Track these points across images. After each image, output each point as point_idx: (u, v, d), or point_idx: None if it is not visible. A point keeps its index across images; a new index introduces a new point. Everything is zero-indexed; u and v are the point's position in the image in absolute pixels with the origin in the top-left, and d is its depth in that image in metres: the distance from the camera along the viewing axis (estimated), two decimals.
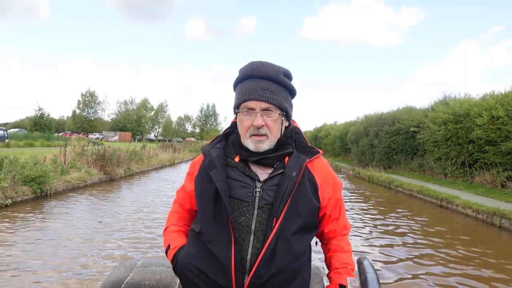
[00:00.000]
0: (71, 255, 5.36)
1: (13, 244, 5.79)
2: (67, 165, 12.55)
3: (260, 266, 1.14)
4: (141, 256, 5.34)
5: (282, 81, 1.21)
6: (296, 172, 1.19)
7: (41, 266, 4.89)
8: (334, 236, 1.32)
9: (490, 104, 13.55)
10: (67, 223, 7.35)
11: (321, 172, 1.27)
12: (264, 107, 1.19)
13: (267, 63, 1.24)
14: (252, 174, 1.22)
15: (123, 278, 1.53)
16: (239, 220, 1.18)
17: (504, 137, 12.50)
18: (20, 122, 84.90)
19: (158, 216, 8.28)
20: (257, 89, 1.19)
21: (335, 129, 36.08)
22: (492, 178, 12.98)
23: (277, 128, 1.22)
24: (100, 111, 75.88)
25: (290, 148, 1.26)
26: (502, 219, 8.50)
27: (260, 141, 1.20)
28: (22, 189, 9.32)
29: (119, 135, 60.20)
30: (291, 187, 1.17)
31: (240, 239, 1.17)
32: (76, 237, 6.34)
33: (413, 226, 8.36)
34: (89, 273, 4.73)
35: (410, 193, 13.71)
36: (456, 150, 14.97)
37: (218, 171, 1.22)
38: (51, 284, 4.35)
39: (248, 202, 1.19)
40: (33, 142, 27.56)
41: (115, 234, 6.65)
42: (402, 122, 19.49)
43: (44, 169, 10.06)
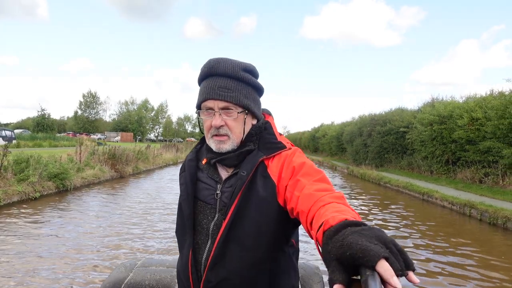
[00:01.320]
0: (90, 247, 6.53)
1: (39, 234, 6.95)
2: (82, 163, 13.69)
3: (209, 270, 1.10)
4: (141, 255, 5.55)
5: (241, 77, 1.13)
6: (247, 171, 1.10)
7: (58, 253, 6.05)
8: (310, 210, 0.91)
9: (470, 106, 14.73)
10: (86, 216, 8.52)
11: (279, 166, 1.11)
12: (222, 106, 1.12)
13: (225, 59, 1.16)
14: (215, 176, 1.18)
15: (123, 278, 1.53)
16: (202, 222, 1.15)
17: (482, 137, 13.66)
18: (22, 123, 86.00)
19: (169, 211, 9.44)
20: (214, 88, 1.12)
21: (332, 129, 37.25)
22: (471, 174, 14.17)
23: (239, 127, 1.15)
24: (102, 111, 77.00)
25: (251, 145, 1.16)
26: (471, 209, 9.68)
27: (222, 141, 1.14)
28: (47, 184, 10.48)
29: (121, 136, 61.30)
30: (239, 188, 1.08)
31: (200, 241, 1.15)
32: (97, 229, 7.51)
33: (398, 216, 9.52)
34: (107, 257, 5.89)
35: (397, 188, 14.89)
36: (441, 149, 16.14)
37: (185, 175, 1.21)
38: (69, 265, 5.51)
39: (211, 205, 1.15)
40: (41, 143, 28.66)
41: (132, 227, 7.82)
42: (393, 123, 20.67)
43: (65, 167, 11.22)
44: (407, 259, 0.61)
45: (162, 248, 5.93)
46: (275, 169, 1.11)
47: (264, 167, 1.13)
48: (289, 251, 1.17)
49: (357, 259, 0.59)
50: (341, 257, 0.62)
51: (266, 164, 1.13)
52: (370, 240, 0.61)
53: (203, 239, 1.14)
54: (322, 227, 0.75)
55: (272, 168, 1.12)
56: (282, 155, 1.14)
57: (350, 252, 0.60)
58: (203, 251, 1.13)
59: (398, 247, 0.62)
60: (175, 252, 5.50)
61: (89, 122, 72.48)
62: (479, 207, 9.40)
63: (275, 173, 1.10)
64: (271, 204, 1.08)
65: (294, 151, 1.15)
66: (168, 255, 5.57)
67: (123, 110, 78.72)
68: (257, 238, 1.08)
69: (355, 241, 0.61)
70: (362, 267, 0.59)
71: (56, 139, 36.44)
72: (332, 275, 0.61)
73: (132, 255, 5.53)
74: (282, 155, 1.13)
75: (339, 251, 0.63)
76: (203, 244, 1.14)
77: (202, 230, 1.15)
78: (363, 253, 0.58)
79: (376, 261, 0.57)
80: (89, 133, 66.01)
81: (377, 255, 0.57)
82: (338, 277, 0.61)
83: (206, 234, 1.14)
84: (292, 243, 1.20)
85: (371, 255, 0.57)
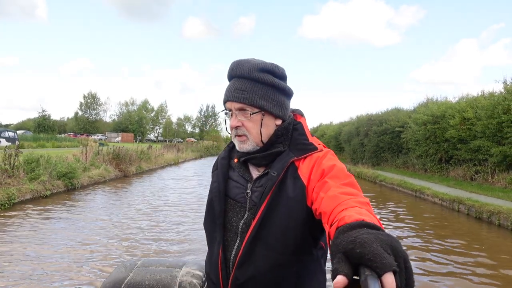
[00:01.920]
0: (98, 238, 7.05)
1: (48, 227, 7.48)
2: (87, 163, 14.21)
3: (237, 268, 1.12)
4: (141, 255, 5.60)
5: (257, 78, 1.14)
6: (278, 171, 1.11)
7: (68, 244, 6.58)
8: (332, 213, 0.89)
9: (462, 106, 15.28)
10: (92, 213, 9.05)
11: (309, 168, 1.11)
12: (237, 107, 1.15)
13: (245, 60, 1.18)
14: (246, 175, 1.20)
15: (123, 278, 1.54)
16: (232, 220, 1.17)
17: (473, 136, 14.21)
18: (22, 124, 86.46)
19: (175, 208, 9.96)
20: (232, 90, 1.15)
21: (331, 129, 37.80)
22: (463, 172, 14.72)
23: (255, 127, 1.15)
24: (102, 112, 77.46)
25: (280, 147, 1.17)
26: (459, 205, 10.22)
27: (242, 142, 1.17)
28: (57, 183, 11.00)
29: (121, 136, 61.80)
30: (269, 188, 1.10)
31: (229, 239, 1.16)
32: (107, 223, 8.04)
33: (392, 210, 10.06)
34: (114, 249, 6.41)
35: (392, 186, 15.43)
36: (434, 148, 16.69)
37: (217, 173, 1.24)
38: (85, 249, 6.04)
39: (241, 203, 1.16)
40: (44, 143, 29.16)
41: (140, 222, 8.35)
42: (388, 123, 21.22)
43: (73, 166, 11.74)
44: (410, 278, 0.60)
45: (163, 248, 6.05)
46: (305, 170, 1.11)
47: (294, 168, 1.13)
48: (317, 254, 1.16)
49: (366, 260, 0.58)
50: (349, 252, 0.60)
51: (297, 165, 1.13)
52: (384, 248, 0.59)
53: (232, 237, 1.16)
54: (336, 223, 0.75)
55: (302, 169, 1.12)
56: (313, 156, 1.13)
57: (360, 251, 0.59)
58: (232, 248, 1.15)
59: (407, 264, 0.60)
60: (176, 252, 5.73)
61: (90, 123, 72.96)
62: (467, 202, 9.94)
63: (305, 175, 1.10)
64: (300, 205, 1.08)
65: (325, 153, 1.14)
66: (168, 255, 5.64)
67: (123, 111, 79.20)
68: (285, 239, 1.08)
69: (370, 243, 0.59)
70: (363, 267, 0.58)
71: (59, 140, 36.88)
72: (338, 265, 0.60)
73: (138, 252, 5.75)
74: (313, 157, 1.13)
75: (349, 245, 0.61)
76: (232, 242, 1.16)
77: (232, 228, 1.16)
78: (374, 257, 0.57)
79: (385, 271, 0.56)
80: (90, 133, 66.50)
81: (388, 266, 0.56)
82: (344, 268, 0.59)
83: (235, 232, 1.15)
84: (321, 246, 1.18)
85: (383, 263, 0.56)
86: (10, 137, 32.77)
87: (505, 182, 12.19)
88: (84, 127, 71.75)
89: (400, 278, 0.58)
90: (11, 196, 8.82)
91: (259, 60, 1.18)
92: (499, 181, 12.51)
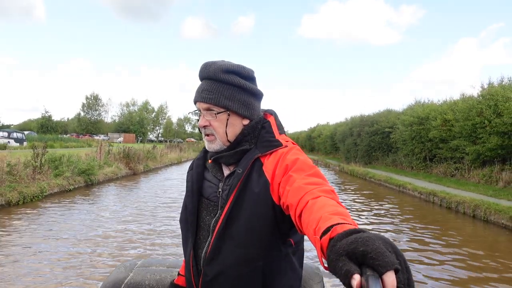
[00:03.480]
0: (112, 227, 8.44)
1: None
2: (101, 161, 15.58)
3: (206, 264, 1.15)
4: (141, 255, 5.69)
5: (223, 79, 1.16)
6: (243, 168, 1.13)
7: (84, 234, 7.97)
8: (299, 203, 0.92)
9: (443, 109, 16.68)
10: (108, 207, 10.44)
11: (274, 164, 1.12)
12: (204, 107, 1.18)
13: (211, 62, 1.20)
14: (218, 174, 1.23)
15: (123, 278, 1.54)
16: (205, 219, 1.20)
17: (452, 136, 15.61)
18: (24, 125, 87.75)
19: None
20: (199, 91, 1.19)
21: (327, 129, 39.21)
22: (444, 169, 16.13)
23: (222, 126, 1.18)
24: (104, 113, 78.73)
25: (247, 145, 1.19)
26: (434, 197, 11.63)
27: (210, 141, 1.20)
28: (78, 179, 12.37)
29: (123, 137, 63.13)
30: (235, 185, 1.12)
31: (202, 237, 1.19)
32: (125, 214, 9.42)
33: (377, 203, 11.46)
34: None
35: (379, 182, 16.83)
36: (419, 147, 18.10)
37: (192, 173, 1.28)
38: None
39: (214, 202, 1.19)
40: (52, 144, 30.44)
41: (152, 214, 9.74)
42: (379, 124, 22.63)
43: (91, 164, 13.11)
44: (410, 278, 0.59)
45: (168, 244, 6.26)
46: (270, 166, 1.12)
47: (260, 164, 1.14)
48: (287, 250, 1.16)
49: (368, 258, 0.57)
50: (352, 251, 0.58)
51: (262, 162, 1.14)
52: (386, 246, 0.59)
53: (205, 235, 1.18)
54: (329, 233, 0.69)
55: (267, 165, 1.13)
56: (278, 152, 1.14)
57: (363, 249, 0.57)
58: (203, 246, 1.17)
59: (406, 265, 0.60)
60: (175, 252, 5.87)
61: (92, 123, 74.24)
62: (439, 195, 11.34)
63: (269, 171, 1.11)
64: (264, 201, 1.09)
65: (290, 149, 1.15)
66: (168, 255, 5.75)
67: (124, 112, 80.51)
68: (250, 235, 1.09)
69: (372, 241, 0.59)
70: (364, 267, 0.57)
71: (65, 140, 38.22)
72: (348, 267, 0.57)
73: (145, 250, 5.91)
74: (278, 153, 1.14)
75: (350, 246, 0.59)
76: (204, 240, 1.18)
77: (205, 226, 1.19)
78: (377, 255, 0.56)
79: (388, 269, 0.55)
80: (92, 134, 67.80)
81: (390, 264, 0.55)
82: (354, 267, 0.57)
83: (208, 230, 1.18)
84: (290, 243, 1.17)
85: (386, 261, 0.55)
86: (18, 138, 34.07)
87: (478, 178, 13.60)
88: (86, 128, 73.01)
89: (402, 277, 0.57)
90: (43, 189, 10.19)
91: (227, 61, 1.21)
92: (473, 177, 13.92)
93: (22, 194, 9.28)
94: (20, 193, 9.27)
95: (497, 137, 12.86)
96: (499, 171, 12.88)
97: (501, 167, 13.02)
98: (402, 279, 0.57)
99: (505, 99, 12.99)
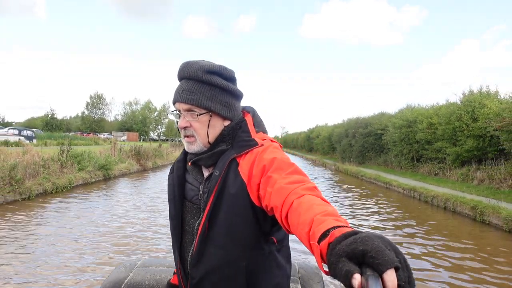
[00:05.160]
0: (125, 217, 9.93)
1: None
2: (116, 158, 17.08)
3: (191, 267, 1.16)
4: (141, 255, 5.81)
5: (205, 80, 1.14)
6: (220, 170, 1.12)
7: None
8: (284, 204, 0.92)
9: (429, 113, 18.15)
10: (126, 198, 11.93)
11: (249, 164, 1.11)
12: (185, 108, 1.15)
13: (193, 62, 1.18)
14: (198, 176, 1.22)
15: (123, 278, 1.55)
16: (190, 222, 1.20)
17: (436, 138, 17.07)
18: (28, 122, 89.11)
19: None
20: (180, 91, 1.16)
21: (325, 130, 40.67)
22: (429, 168, 17.60)
23: (203, 128, 1.16)
24: (107, 112, 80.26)
25: (224, 146, 1.18)
26: (414, 192, 13.12)
27: (190, 143, 1.18)
28: (98, 173, 13.87)
29: (127, 135, 64.66)
30: (213, 187, 1.11)
31: (187, 240, 1.20)
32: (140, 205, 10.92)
33: (366, 198, 12.94)
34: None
35: (370, 180, 18.33)
36: (407, 148, 19.57)
37: (173, 176, 1.26)
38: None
39: (197, 205, 1.19)
40: (63, 142, 31.87)
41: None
42: (372, 126, 24.10)
43: (109, 160, 14.62)
44: (411, 276, 0.59)
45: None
46: (245, 166, 1.11)
47: (236, 165, 1.13)
48: (270, 249, 1.16)
49: (368, 257, 0.57)
50: (352, 252, 0.59)
51: (238, 162, 1.13)
52: (385, 245, 0.59)
53: (190, 238, 1.19)
54: (327, 238, 0.68)
55: (242, 166, 1.12)
56: (253, 152, 1.13)
57: (363, 248, 0.58)
58: (189, 250, 1.18)
59: (406, 263, 0.59)
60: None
61: (96, 122, 75.71)
62: (419, 190, 12.84)
63: (245, 171, 1.11)
64: (242, 202, 1.09)
65: (266, 148, 1.13)
66: (168, 255, 5.86)
67: (127, 111, 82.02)
68: (232, 235, 1.10)
69: (371, 240, 0.59)
70: (364, 267, 0.57)
71: (73, 139, 39.67)
72: (348, 267, 0.58)
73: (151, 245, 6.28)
74: (253, 152, 1.13)
75: (350, 247, 0.59)
76: (190, 243, 1.19)
77: (190, 230, 1.19)
78: (376, 254, 0.56)
79: (388, 267, 0.55)
80: (96, 132, 69.26)
81: (390, 262, 0.56)
82: (354, 267, 0.57)
83: (192, 233, 1.18)
84: (273, 241, 1.17)
85: (385, 260, 0.56)
86: (28, 135, 35.54)
87: (457, 176, 15.07)
88: (90, 126, 74.51)
89: (403, 275, 0.57)
90: (71, 181, 11.68)
91: (208, 61, 1.19)
92: (453, 175, 15.39)
93: (55, 185, 10.77)
94: (53, 183, 10.76)
95: (473, 139, 14.34)
96: (475, 170, 14.34)
97: (477, 167, 14.48)
98: (402, 276, 0.57)
99: (481, 105, 14.47)
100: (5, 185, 9.01)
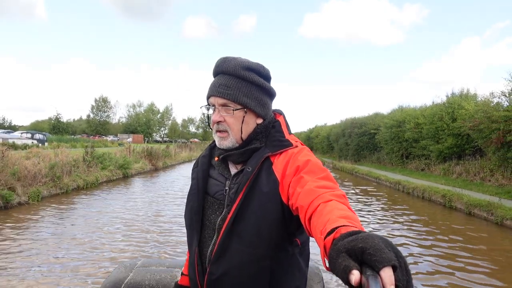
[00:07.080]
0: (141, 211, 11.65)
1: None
2: (131, 158, 18.81)
3: (212, 263, 1.13)
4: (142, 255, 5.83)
5: (243, 76, 1.15)
6: (252, 167, 1.12)
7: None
8: (310, 206, 0.92)
9: (416, 114, 19.81)
10: (145, 194, 13.67)
11: (284, 164, 1.11)
12: (220, 102, 1.15)
13: (231, 58, 1.19)
14: (225, 172, 1.21)
15: (123, 278, 1.55)
16: (210, 217, 1.18)
17: (422, 137, 18.74)
18: (34, 126, 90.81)
19: None
20: (216, 85, 1.16)
21: (324, 130, 42.31)
22: (416, 164, 19.27)
23: (236, 124, 1.17)
24: (112, 115, 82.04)
25: (257, 144, 1.18)
26: (399, 185, 14.81)
27: (222, 138, 1.18)
28: (117, 172, 15.60)
29: (132, 137, 66.47)
30: (244, 183, 1.10)
31: (207, 235, 1.18)
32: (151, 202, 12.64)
33: (360, 190, 14.63)
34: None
35: (362, 176, 20.02)
36: (397, 147, 21.24)
37: (197, 170, 1.26)
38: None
39: (220, 200, 1.17)
40: (75, 144, 33.66)
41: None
42: (366, 126, 25.78)
43: (127, 160, 16.35)
44: (410, 281, 0.59)
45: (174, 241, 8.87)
46: (280, 166, 1.11)
47: (269, 163, 1.13)
48: (293, 250, 1.16)
49: (367, 254, 0.58)
50: (351, 248, 0.60)
51: (272, 161, 1.14)
52: (385, 245, 0.60)
53: (210, 233, 1.17)
54: (333, 234, 0.70)
55: (277, 165, 1.12)
56: (288, 152, 1.14)
57: (362, 245, 0.59)
58: (208, 244, 1.16)
59: (407, 267, 0.60)
60: (175, 252, 5.99)
61: (101, 124, 77.48)
62: (402, 183, 14.52)
63: (279, 170, 1.11)
64: (273, 201, 1.08)
65: (301, 150, 1.15)
66: (167, 256, 5.86)
67: (131, 113, 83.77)
68: (259, 234, 1.08)
69: (371, 238, 0.60)
70: (365, 267, 0.58)
71: (84, 141, 41.43)
72: (347, 262, 0.59)
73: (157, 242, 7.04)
74: (288, 153, 1.14)
75: (350, 243, 0.61)
76: (210, 238, 1.17)
77: (210, 225, 1.17)
78: (375, 252, 0.57)
79: (385, 265, 0.56)
80: (102, 135, 71.00)
81: (388, 260, 0.56)
82: (353, 264, 0.58)
83: (213, 228, 1.16)
84: (297, 243, 1.16)
85: (383, 258, 0.56)
86: (40, 139, 37.36)
87: (439, 171, 16.74)
88: (96, 129, 76.30)
89: (402, 277, 0.57)
90: (97, 178, 13.42)
91: (245, 58, 1.20)
92: (436, 170, 17.07)
93: (85, 181, 12.50)
94: (84, 180, 12.50)
95: (452, 138, 16.03)
96: (454, 165, 16.01)
97: (456, 162, 16.15)
98: (401, 278, 0.57)
99: (460, 107, 16.14)
100: (49, 181, 10.73)
